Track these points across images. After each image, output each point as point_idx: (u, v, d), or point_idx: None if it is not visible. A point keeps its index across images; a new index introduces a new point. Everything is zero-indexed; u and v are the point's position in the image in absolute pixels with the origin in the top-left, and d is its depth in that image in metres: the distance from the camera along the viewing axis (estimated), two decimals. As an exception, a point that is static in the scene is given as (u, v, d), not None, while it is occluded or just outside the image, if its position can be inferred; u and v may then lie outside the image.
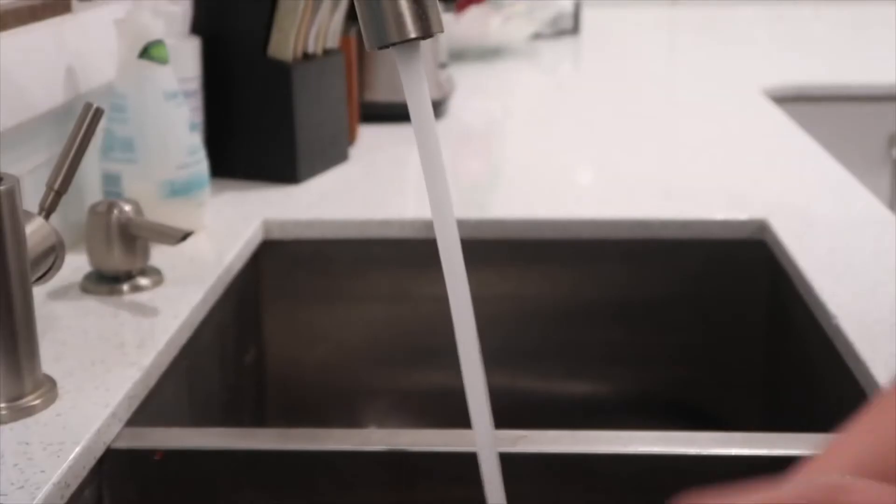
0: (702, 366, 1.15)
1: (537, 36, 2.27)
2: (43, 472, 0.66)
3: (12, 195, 0.71)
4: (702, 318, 1.14)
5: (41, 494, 0.64)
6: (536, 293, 1.15)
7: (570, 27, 2.36)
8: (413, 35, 0.54)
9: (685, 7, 3.15)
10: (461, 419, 0.61)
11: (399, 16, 0.54)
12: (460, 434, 0.73)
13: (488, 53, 2.10)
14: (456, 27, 2.00)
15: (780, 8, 2.86)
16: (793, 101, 1.70)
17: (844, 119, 1.79)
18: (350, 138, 1.39)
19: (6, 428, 0.71)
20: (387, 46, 0.54)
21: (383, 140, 1.44)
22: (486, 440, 0.56)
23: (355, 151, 1.39)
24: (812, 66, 2.04)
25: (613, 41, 2.37)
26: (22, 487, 0.64)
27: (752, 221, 1.11)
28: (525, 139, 1.52)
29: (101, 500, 0.74)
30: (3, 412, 0.72)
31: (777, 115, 1.58)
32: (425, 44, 0.55)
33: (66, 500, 0.67)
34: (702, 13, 2.79)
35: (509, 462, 0.57)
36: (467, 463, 0.57)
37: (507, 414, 0.63)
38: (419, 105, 0.56)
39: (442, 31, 0.56)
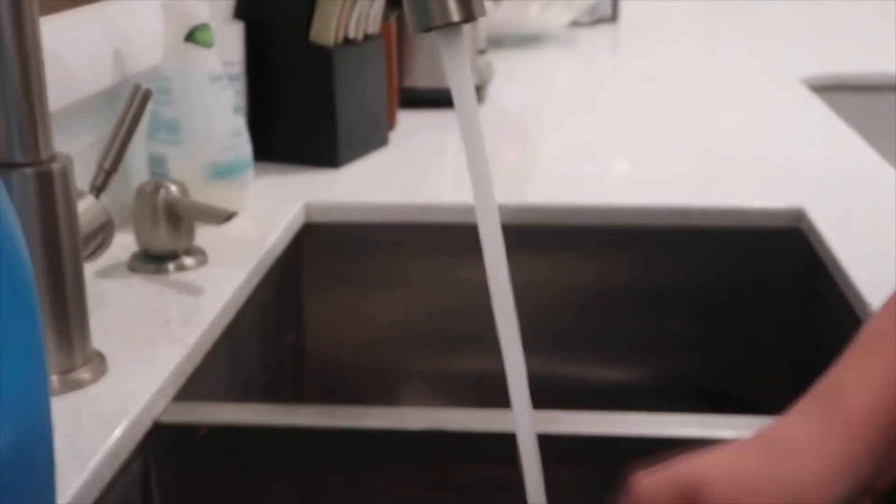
0: (736, 353, 1.15)
1: (575, 23, 2.26)
2: (93, 443, 0.67)
3: (65, 174, 0.72)
4: (737, 305, 1.13)
5: (91, 465, 0.65)
6: (572, 279, 1.15)
7: (608, 15, 2.35)
8: (456, 19, 0.54)
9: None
10: (496, 403, 0.62)
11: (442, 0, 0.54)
12: (498, 414, 0.74)
13: (527, 40, 2.10)
14: (495, 14, 1.99)
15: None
16: (833, 90, 1.69)
17: (885, 108, 1.77)
18: (390, 123, 1.39)
19: (57, 399, 0.72)
20: (430, 30, 0.55)
21: (422, 125, 1.45)
22: (525, 420, 0.57)
23: (395, 136, 1.39)
24: (852, 55, 2.02)
25: (652, 30, 2.35)
26: (73, 457, 0.65)
27: (789, 210, 1.10)
28: (563, 126, 1.52)
29: (148, 472, 0.74)
30: (55, 384, 0.73)
31: (816, 105, 1.57)
32: (465, 30, 0.56)
33: (114, 471, 0.68)
34: (741, 3, 2.78)
35: (545, 442, 0.58)
36: (504, 443, 0.58)
37: (542, 397, 0.63)
38: (462, 89, 0.56)
39: (484, 15, 0.56)
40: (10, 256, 0.46)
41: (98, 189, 0.86)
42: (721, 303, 1.14)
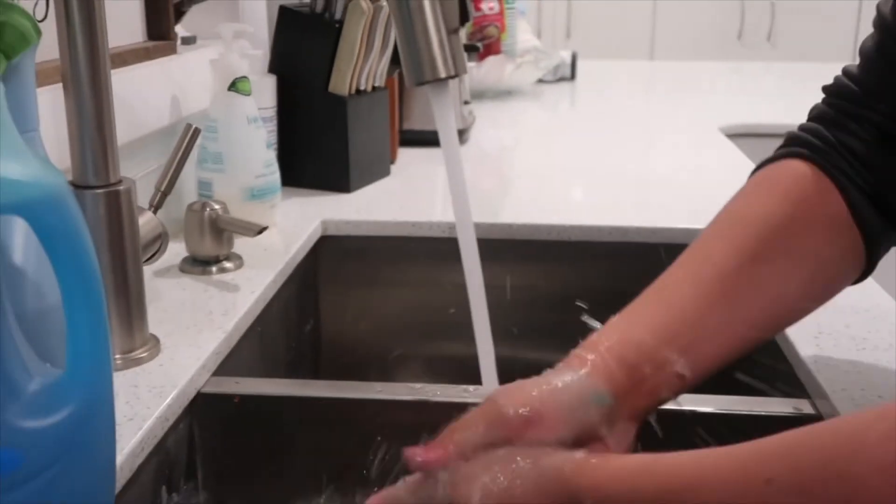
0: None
1: (541, 81, 2.27)
2: (148, 408, 0.68)
3: (129, 193, 0.73)
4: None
5: (146, 426, 0.66)
6: (534, 283, 1.15)
7: (568, 75, 2.36)
8: (443, 75, 0.54)
9: (660, 62, 3.16)
10: (473, 379, 0.62)
11: (433, 60, 0.54)
12: (471, 389, 0.74)
13: (502, 94, 2.10)
14: (477, 72, 2.00)
15: (737, 63, 2.86)
16: (743, 136, 1.70)
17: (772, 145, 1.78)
18: (391, 158, 1.39)
19: (120, 374, 0.72)
20: (422, 84, 0.55)
21: (417, 160, 1.45)
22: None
23: (395, 168, 1.39)
24: (760, 109, 2.04)
25: (602, 87, 2.37)
26: (131, 420, 0.66)
27: (707, 230, 1.11)
28: (530, 162, 1.52)
29: (192, 433, 0.75)
30: (119, 362, 0.73)
31: (729, 147, 1.58)
32: (452, 83, 0.56)
33: (164, 431, 0.69)
34: (673, 66, 2.79)
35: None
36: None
37: (509, 374, 0.63)
38: (447, 131, 0.57)
39: (466, 73, 0.57)
40: (81, 261, 0.46)
41: (156, 207, 0.86)
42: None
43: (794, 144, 0.68)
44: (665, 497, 0.46)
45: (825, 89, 0.70)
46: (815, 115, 0.70)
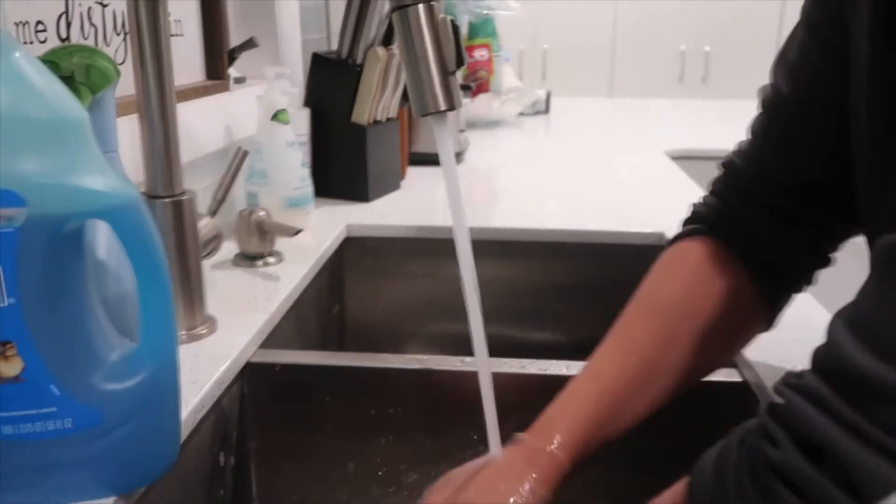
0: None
1: (522, 114, 2.26)
2: (206, 374, 0.67)
3: (191, 202, 0.72)
4: (623, 293, 1.13)
5: (206, 387, 0.65)
6: (518, 276, 1.15)
7: (543, 109, 2.36)
8: (443, 108, 0.54)
9: (619, 98, 3.15)
10: (467, 350, 0.61)
11: (435, 96, 0.54)
12: (467, 360, 0.74)
13: (491, 124, 2.10)
14: (471, 106, 2.00)
15: (681, 101, 2.86)
16: (684, 158, 1.70)
17: (716, 170, 1.77)
18: (402, 174, 1.39)
19: (184, 346, 0.72)
20: (427, 115, 0.55)
21: (423, 176, 1.44)
22: (484, 364, 0.56)
23: (405, 183, 1.39)
24: (697, 136, 2.03)
25: (571, 118, 2.36)
26: (194, 383, 0.65)
27: (655, 233, 1.11)
28: (513, 178, 1.52)
29: (243, 394, 0.74)
30: (183, 336, 0.73)
31: (673, 167, 1.57)
32: (451, 115, 0.56)
33: (220, 392, 0.68)
34: (629, 102, 2.79)
35: (496, 378, 0.57)
36: (472, 378, 0.57)
37: (497, 350, 0.63)
38: (446, 153, 0.56)
39: (461, 107, 0.56)
40: (151, 256, 0.45)
41: (213, 212, 0.86)
42: (613, 292, 1.13)
43: (697, 220, 0.66)
44: None
45: (723, 164, 0.67)
46: (713, 190, 0.67)
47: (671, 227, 1.11)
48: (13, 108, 0.41)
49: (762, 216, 0.61)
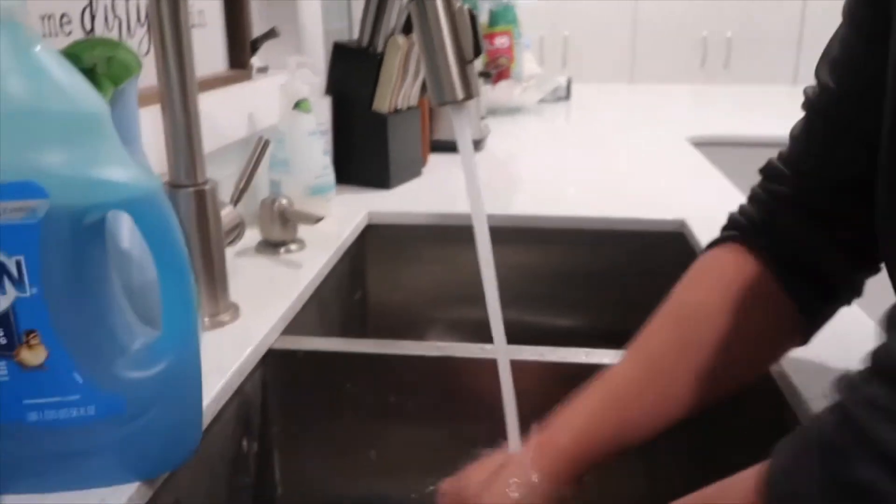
0: (641, 311, 1.14)
1: (543, 101, 2.24)
2: (230, 360, 0.68)
3: (214, 191, 0.72)
4: (639, 282, 1.12)
5: (228, 374, 0.65)
6: (538, 263, 1.14)
7: (564, 96, 2.33)
8: (461, 97, 0.53)
9: (640, 84, 3.12)
10: (489, 339, 0.60)
11: (452, 85, 0.53)
12: (487, 347, 0.74)
13: (511, 111, 2.08)
14: (491, 93, 1.98)
15: (702, 87, 2.83)
16: (705, 144, 1.68)
17: (739, 156, 1.75)
18: (423, 161, 1.38)
19: (207, 333, 0.72)
20: (444, 104, 0.54)
21: (443, 163, 1.43)
22: (502, 351, 0.56)
23: (426, 170, 1.38)
24: (718, 122, 2.00)
25: (592, 105, 2.33)
26: (217, 369, 0.65)
27: (675, 220, 1.09)
28: (533, 165, 1.51)
29: (265, 381, 0.75)
30: (206, 323, 0.73)
31: (694, 153, 1.55)
32: (470, 102, 0.55)
33: (242, 379, 0.69)
34: (650, 88, 2.76)
35: (515, 366, 0.57)
36: (490, 365, 0.57)
37: (517, 337, 0.62)
38: (464, 141, 0.55)
39: (479, 95, 0.56)
40: (172, 246, 0.45)
41: (235, 201, 0.86)
42: (633, 279, 1.13)
43: (733, 227, 0.63)
44: None
45: (761, 171, 0.63)
46: (751, 196, 0.64)
47: (692, 214, 1.12)
48: (35, 102, 0.41)
49: (803, 219, 0.58)
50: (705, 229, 1.03)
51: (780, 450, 0.37)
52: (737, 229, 0.62)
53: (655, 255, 1.12)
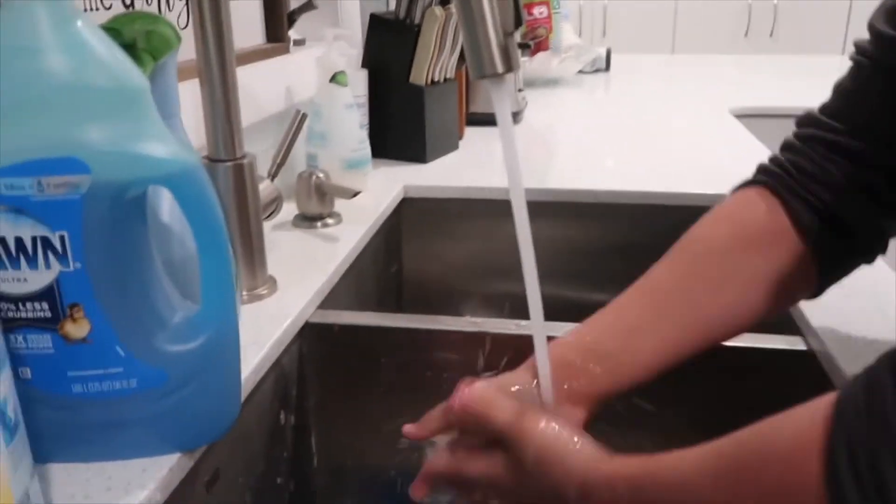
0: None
1: (582, 72, 2.22)
2: (267, 334, 0.68)
3: (252, 165, 0.73)
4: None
5: (266, 347, 0.66)
6: (576, 237, 1.13)
7: (603, 67, 2.30)
8: (501, 71, 0.52)
9: (680, 55, 3.06)
10: (522, 312, 0.60)
11: (492, 58, 0.52)
12: (523, 323, 0.73)
13: (550, 82, 2.06)
14: (529, 65, 1.96)
15: (746, 57, 2.76)
16: (748, 116, 1.65)
17: (784, 130, 1.72)
18: (460, 135, 1.38)
19: (245, 307, 0.73)
20: (483, 78, 0.53)
21: (480, 136, 1.43)
22: (538, 328, 0.55)
23: (463, 143, 1.38)
24: (762, 94, 1.96)
25: (631, 76, 2.30)
26: (255, 343, 0.66)
27: (716, 194, 1.07)
28: (572, 138, 1.49)
29: (302, 354, 0.75)
30: (244, 297, 0.74)
31: (737, 126, 1.52)
32: (510, 75, 0.54)
33: (280, 352, 0.69)
34: (690, 59, 2.70)
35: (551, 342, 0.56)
36: (528, 342, 0.56)
37: (554, 310, 0.62)
38: (503, 115, 0.54)
39: (519, 68, 0.55)
40: (210, 221, 0.46)
41: (273, 175, 0.86)
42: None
43: (760, 172, 0.62)
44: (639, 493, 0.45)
45: (798, 122, 0.62)
46: (785, 146, 0.63)
47: (732, 186, 1.09)
48: (76, 78, 0.42)
49: (842, 169, 0.57)
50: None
51: (850, 383, 0.36)
52: (765, 174, 0.61)
53: (696, 230, 1.09)
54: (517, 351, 0.73)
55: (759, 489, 0.38)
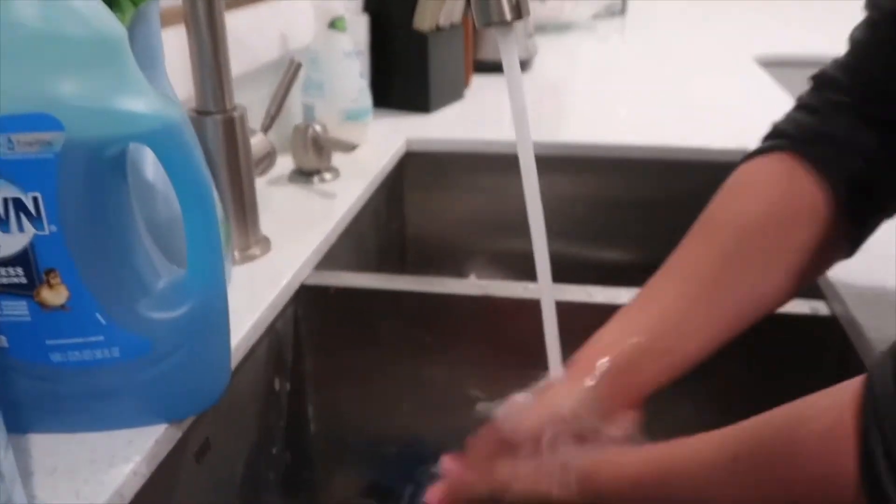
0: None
1: (596, 16, 2.17)
2: (260, 297, 0.68)
3: (243, 118, 0.71)
4: (698, 213, 1.10)
5: (260, 311, 0.66)
6: (586, 193, 1.12)
7: (619, 10, 2.26)
8: (510, 18, 0.51)
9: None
10: (530, 273, 0.60)
11: (500, 4, 0.51)
12: (531, 286, 0.73)
13: (562, 27, 2.03)
14: (541, 9, 1.93)
15: (773, 1, 2.71)
16: (774, 65, 1.61)
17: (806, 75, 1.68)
18: (466, 83, 1.36)
19: (237, 268, 0.72)
20: (490, 26, 0.52)
21: (488, 85, 1.41)
22: (546, 291, 0.55)
23: (469, 92, 1.36)
24: (789, 41, 1.93)
25: (650, 21, 2.26)
26: (247, 307, 0.66)
27: (738, 149, 1.05)
28: (584, 87, 1.47)
29: (297, 318, 0.75)
30: (236, 258, 0.73)
31: (761, 76, 1.49)
32: (519, 22, 0.53)
33: (274, 316, 0.69)
34: (715, 3, 2.65)
35: (561, 307, 0.55)
36: (535, 306, 0.55)
37: (564, 271, 0.61)
38: (511, 65, 0.53)
39: (529, 15, 0.53)
40: (195, 180, 0.45)
41: (266, 128, 0.85)
42: (690, 211, 1.10)
43: (778, 136, 0.61)
44: (657, 485, 0.45)
45: (813, 78, 0.61)
46: (800, 104, 0.61)
47: (755, 142, 1.08)
48: (47, 26, 0.40)
49: (857, 125, 0.56)
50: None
51: (879, 363, 0.36)
52: (782, 138, 0.60)
53: (716, 185, 1.07)
54: (524, 316, 0.73)
55: (788, 487, 0.37)
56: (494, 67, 1.44)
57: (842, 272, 0.70)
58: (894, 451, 0.32)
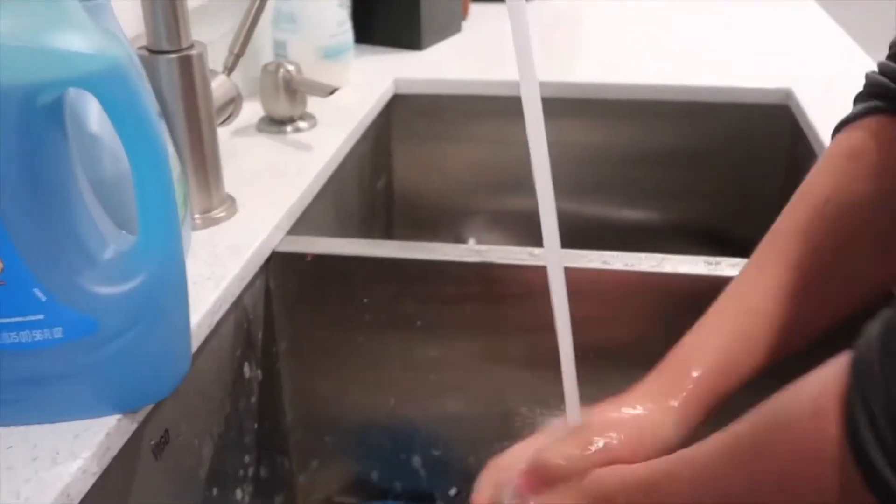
0: (731, 203, 1.12)
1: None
2: (225, 267, 0.68)
3: (202, 58, 0.71)
4: (733, 166, 1.10)
5: (224, 282, 0.66)
6: (602, 141, 1.12)
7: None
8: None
9: None
10: (535, 236, 0.59)
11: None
12: (537, 252, 0.72)
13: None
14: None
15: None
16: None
17: (867, 7, 1.67)
18: (463, 14, 1.35)
19: (199, 233, 0.72)
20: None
21: (489, 16, 1.40)
22: (554, 257, 0.54)
23: (467, 25, 1.35)
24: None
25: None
26: (209, 278, 0.66)
27: (780, 89, 1.05)
28: (600, 21, 1.45)
29: (268, 290, 0.75)
30: (197, 221, 0.73)
31: (812, 6, 1.47)
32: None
33: (241, 289, 0.69)
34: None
35: (572, 275, 0.56)
36: (542, 274, 0.55)
37: (578, 232, 0.61)
38: None
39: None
40: (145, 132, 0.44)
41: (229, 69, 0.85)
42: (720, 162, 1.10)
43: (874, 95, 0.59)
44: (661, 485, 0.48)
45: None
46: (893, 51, 0.59)
47: (801, 82, 1.08)
48: (-33, -49, 0.40)
49: None
50: (817, 101, 0.99)
51: (866, 334, 0.37)
52: (882, 97, 0.59)
53: (753, 132, 1.09)
54: (529, 286, 0.73)
55: (776, 462, 0.39)
56: (496, -5, 1.43)
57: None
58: (878, 419, 0.34)
